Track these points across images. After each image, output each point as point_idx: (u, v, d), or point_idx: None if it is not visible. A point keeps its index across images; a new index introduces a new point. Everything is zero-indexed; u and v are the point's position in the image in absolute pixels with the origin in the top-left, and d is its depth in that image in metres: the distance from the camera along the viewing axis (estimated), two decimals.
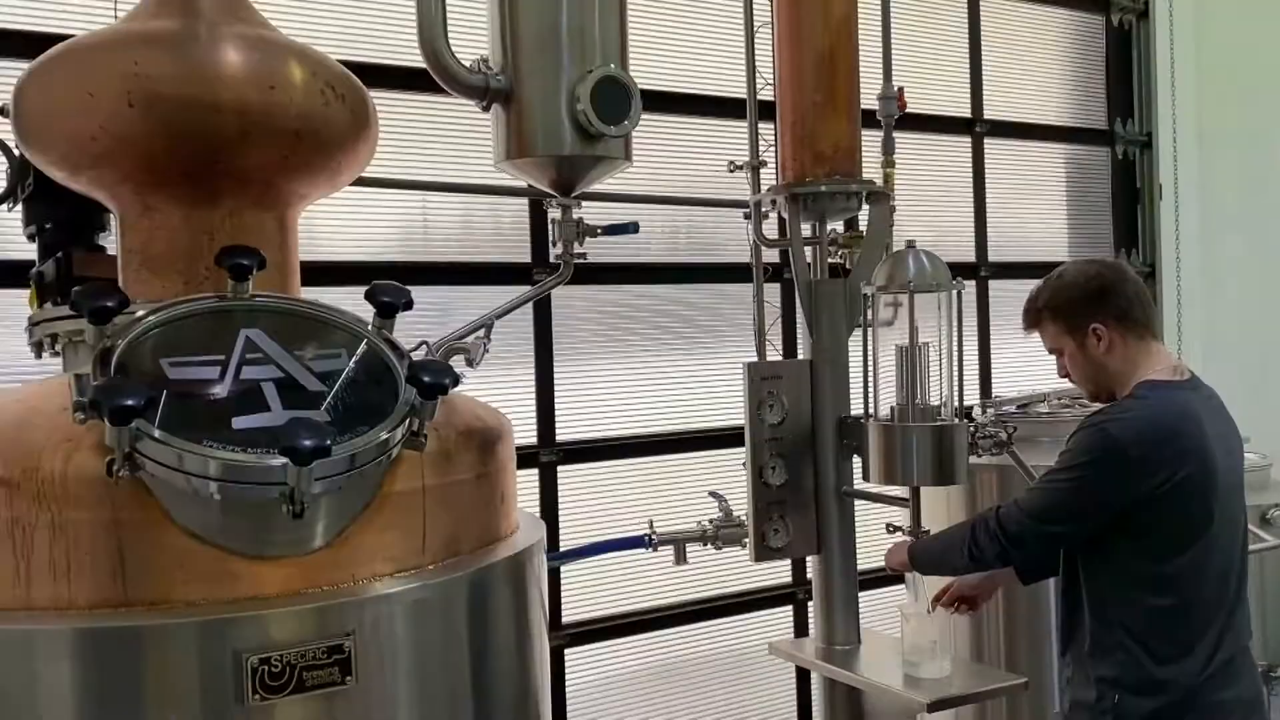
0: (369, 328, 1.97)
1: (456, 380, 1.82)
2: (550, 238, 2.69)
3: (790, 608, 4.47)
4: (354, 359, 1.90)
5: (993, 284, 5.10)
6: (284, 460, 1.60)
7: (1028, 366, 5.18)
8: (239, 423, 1.70)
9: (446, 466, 1.92)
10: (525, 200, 3.82)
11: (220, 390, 1.74)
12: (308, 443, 1.59)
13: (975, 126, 5.05)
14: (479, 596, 1.96)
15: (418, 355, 2.02)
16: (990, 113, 5.12)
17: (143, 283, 1.99)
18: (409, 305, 1.97)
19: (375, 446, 1.75)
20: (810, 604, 4.43)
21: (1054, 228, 5.44)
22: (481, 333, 2.24)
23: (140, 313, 1.79)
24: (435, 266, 3.84)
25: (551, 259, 2.73)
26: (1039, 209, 5.38)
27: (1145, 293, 2.46)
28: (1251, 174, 5.69)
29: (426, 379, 1.77)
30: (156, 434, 1.61)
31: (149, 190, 1.97)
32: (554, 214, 2.65)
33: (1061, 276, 2.50)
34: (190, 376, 1.74)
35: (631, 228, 2.69)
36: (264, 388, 1.77)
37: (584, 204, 2.79)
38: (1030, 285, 5.17)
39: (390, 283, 1.98)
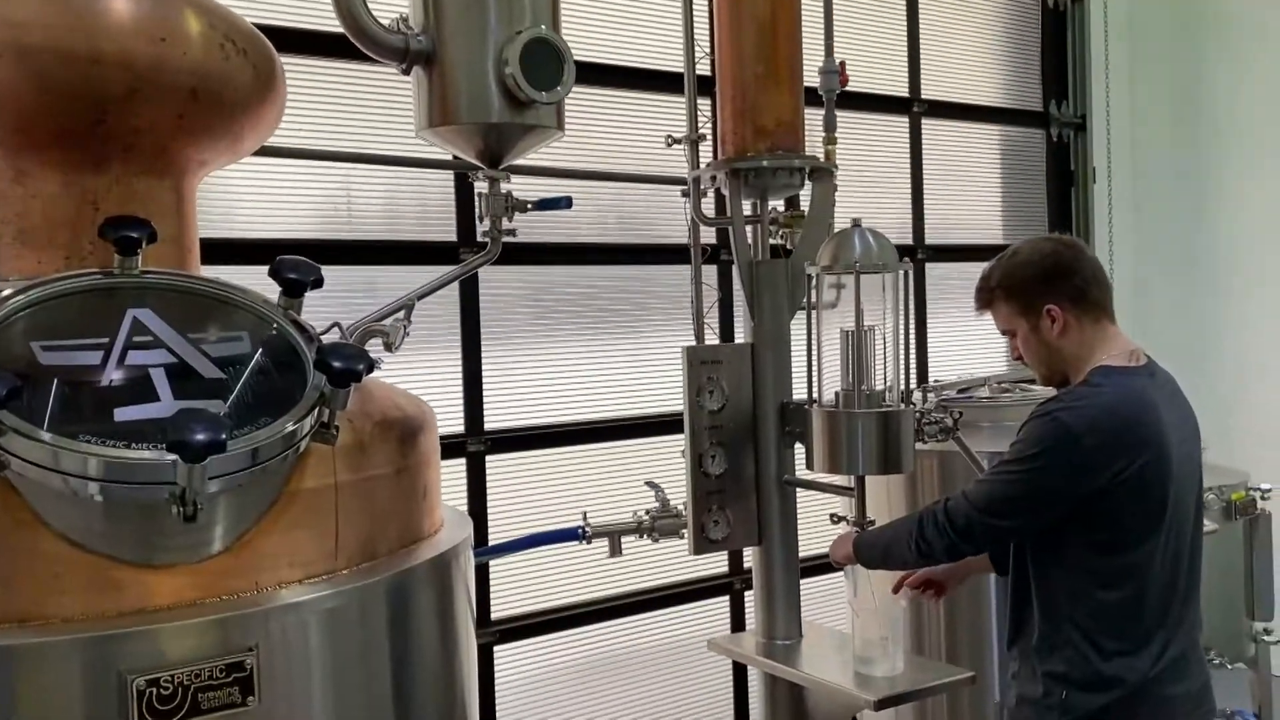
0: (275, 309, 1.78)
1: (371, 366, 1.65)
2: (477, 213, 2.51)
3: (727, 598, 4.36)
4: (257, 343, 1.71)
5: (928, 267, 5.04)
6: (174, 457, 1.42)
7: (963, 351, 5.16)
8: (122, 414, 1.51)
9: (361, 460, 1.75)
10: (452, 174, 3.63)
11: (102, 378, 1.55)
12: (200, 436, 1.41)
13: (913, 106, 4.98)
14: (399, 602, 1.81)
15: (331, 339, 1.85)
16: (928, 93, 5.05)
17: (17, 258, 1.78)
18: (318, 283, 1.79)
19: (280, 439, 1.58)
20: (748, 594, 4.35)
21: (989, 210, 5.41)
22: (401, 315, 2.06)
23: (7, 291, 1.58)
24: (357, 245, 3.64)
25: (479, 236, 2.55)
26: (974, 191, 5.33)
27: (1102, 273, 2.35)
28: (1182, 157, 5.72)
29: (337, 365, 1.59)
30: (25, 428, 1.42)
31: (22, 153, 1.76)
32: (481, 187, 2.47)
33: (1015, 255, 2.37)
34: (67, 362, 1.55)
35: (564, 202, 2.52)
36: (153, 375, 1.58)
37: (514, 178, 2.63)
38: (965, 268, 5.23)
39: (297, 258, 1.80)
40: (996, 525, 2.25)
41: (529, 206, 2.48)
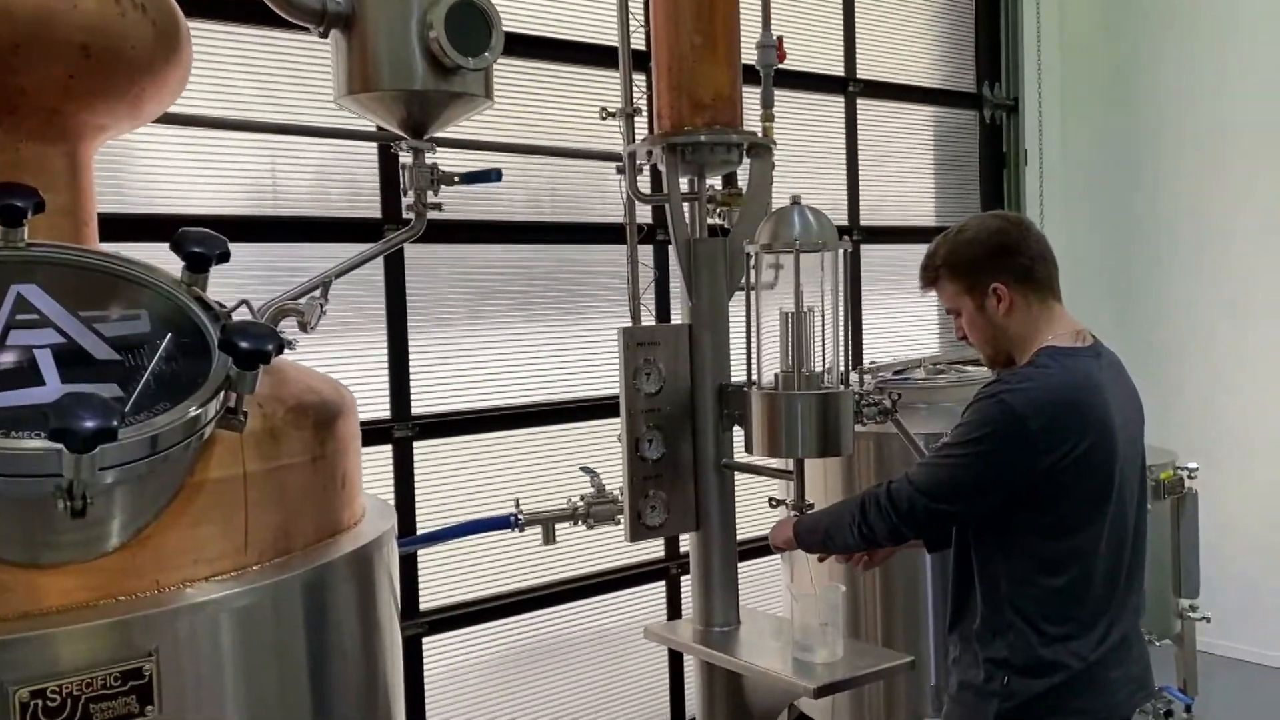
0: (178, 286, 1.65)
1: (281, 347, 1.53)
2: (402, 188, 2.39)
3: (663, 583, 4.30)
4: (157, 322, 1.58)
5: (863, 249, 5.01)
6: (59, 446, 1.29)
7: (897, 333, 5.15)
8: (2, 399, 1.37)
9: (273, 448, 1.63)
10: (376, 147, 3.49)
11: None
12: (87, 424, 1.27)
13: (849, 86, 4.93)
14: (316, 599, 1.69)
15: (244, 317, 1.72)
16: (863, 73, 5.01)
17: None
18: (225, 257, 1.66)
19: (181, 426, 1.44)
20: (685, 579, 4.29)
21: (922, 192, 5.40)
22: (317, 293, 1.93)
23: None
24: (282, 222, 3.47)
25: (403, 211, 2.42)
26: (908, 173, 5.32)
27: (1049, 251, 2.30)
28: (1112, 140, 5.77)
29: (244, 345, 1.47)
30: None
31: None
32: (405, 158, 2.35)
33: (961, 232, 2.32)
34: None
35: (494, 175, 2.41)
36: (38, 357, 1.44)
37: (441, 152, 2.51)
38: (899, 250, 5.21)
39: (202, 230, 1.67)
40: (940, 509, 2.21)
41: (456, 180, 2.36)
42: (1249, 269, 5.28)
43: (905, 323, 5.28)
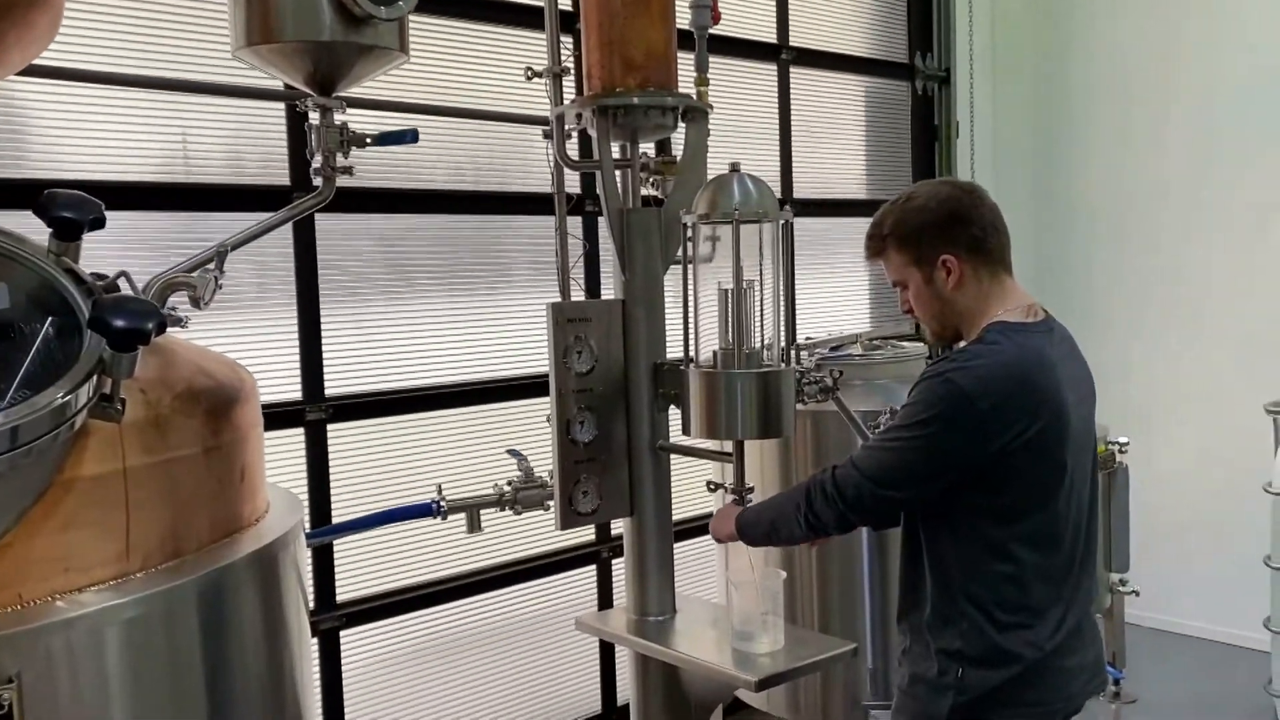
0: (45, 256, 1.44)
1: (163, 324, 1.34)
2: (308, 148, 2.19)
3: (594, 568, 4.16)
4: (19, 297, 1.38)
5: (795, 221, 4.90)
6: None
7: (828, 309, 5.06)
8: None
9: (159, 439, 1.44)
10: (285, 109, 3.25)
11: None
12: None
13: (781, 54, 4.80)
14: (214, 605, 1.51)
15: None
16: (796, 41, 4.89)
17: None
18: (100, 223, 1.46)
19: (46, 416, 1.26)
20: (616, 563, 4.16)
21: (853, 164, 5.31)
22: (212, 265, 1.73)
23: None
24: (190, 189, 3.22)
25: (311, 174, 2.22)
26: (840, 145, 5.22)
27: (1002, 221, 2.16)
28: (1040, 113, 5.76)
29: (119, 323, 1.28)
30: None
31: None
32: (313, 117, 2.14)
33: (910, 200, 2.18)
34: None
35: (409, 136, 2.22)
36: None
37: (354, 113, 2.32)
38: (829, 224, 5.12)
39: (72, 192, 1.47)
40: (888, 495, 2.09)
41: (369, 141, 2.16)
42: (1176, 242, 5.32)
43: (837, 298, 5.20)
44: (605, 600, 4.16)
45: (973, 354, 2.06)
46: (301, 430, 3.43)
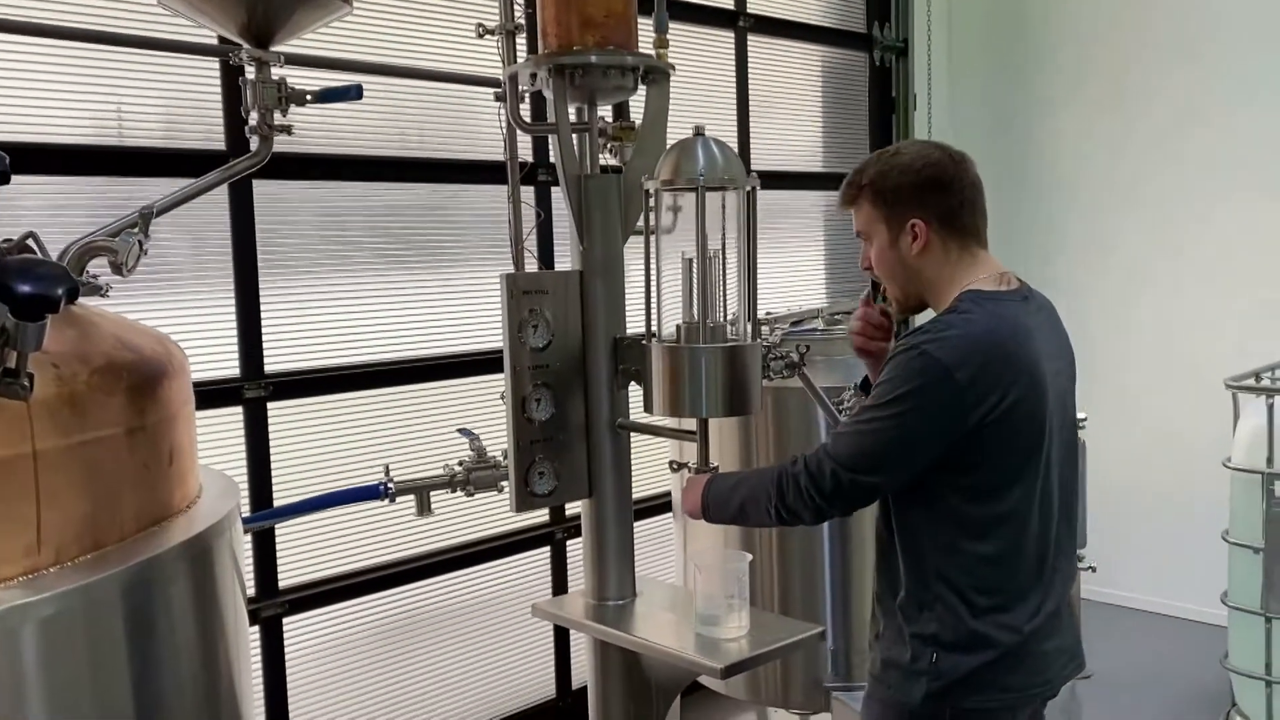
0: None
1: (75, 291, 1.20)
2: (243, 105, 2.03)
3: (548, 549, 4.04)
4: None
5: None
6: None
7: (784, 282, 4.98)
8: None
9: (75, 420, 1.30)
10: (220, 66, 3.07)
11: None
12: None
13: (739, 20, 4.68)
14: (141, 599, 1.38)
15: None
16: (754, 8, 4.77)
17: None
18: (4, 178, 1.30)
19: None
20: (572, 544, 4.05)
21: (810, 136, 5.22)
22: (136, 230, 1.58)
23: None
24: (124, 153, 3.03)
25: (247, 134, 2.06)
26: (796, 115, 5.12)
27: (982, 197, 2.12)
28: (996, 85, 5.71)
29: (23, 288, 1.14)
30: None
31: None
32: (249, 71, 1.98)
33: (896, 154, 2.12)
34: None
35: (353, 92, 2.06)
36: None
37: (293, 71, 2.16)
38: (786, 196, 5.03)
39: None
40: (867, 482, 2.00)
41: (309, 98, 2.01)
42: (1131, 215, 5.31)
43: (793, 272, 5.12)
44: (560, 583, 4.05)
45: (945, 324, 1.98)
46: (240, 409, 3.26)
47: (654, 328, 2.36)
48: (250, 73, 1.98)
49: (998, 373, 1.92)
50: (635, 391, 2.48)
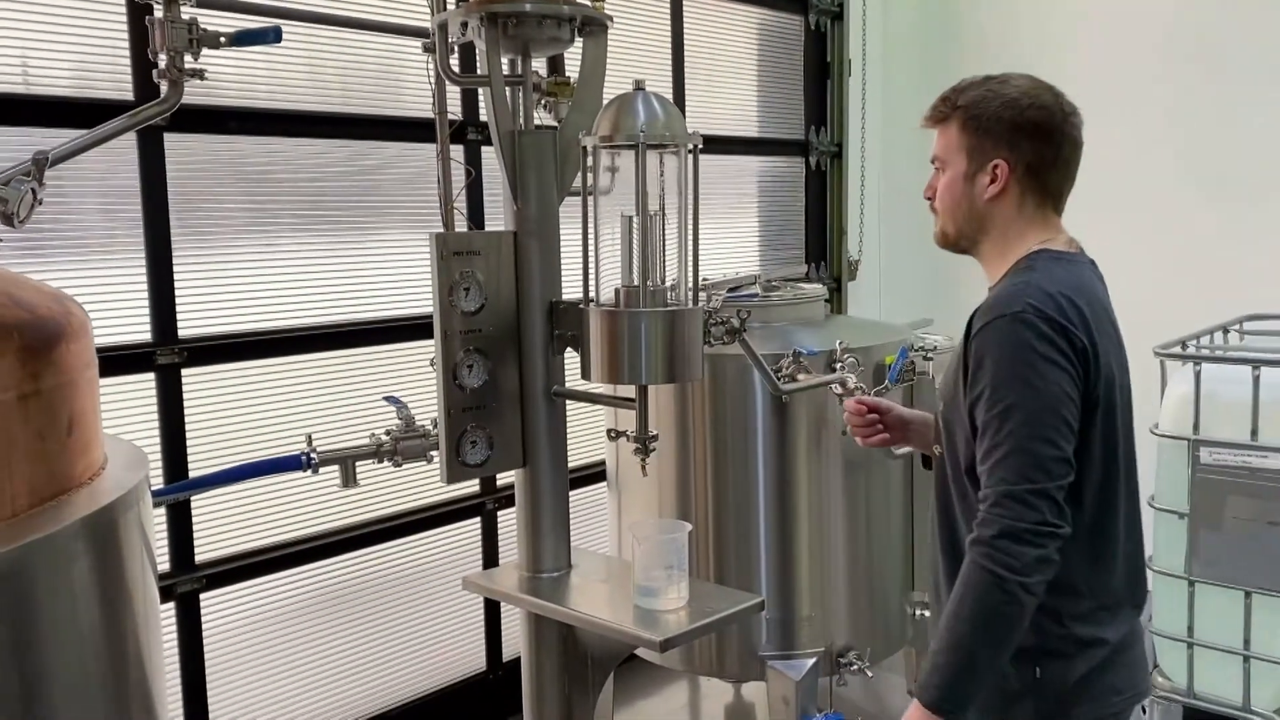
0: None
1: None
2: (150, 48, 1.88)
3: (479, 520, 3.95)
4: None
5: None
6: None
7: (719, 249, 4.92)
8: None
9: None
10: (126, 7, 2.87)
11: None
12: None
13: None
14: (33, 580, 1.26)
15: None
16: None
17: None
18: None
19: None
20: (503, 514, 3.96)
21: (746, 100, 5.14)
22: (28, 177, 1.44)
23: None
24: (28, 101, 2.82)
25: (155, 78, 1.91)
26: (732, 79, 5.04)
27: (1078, 159, 1.92)
28: (927, 52, 5.69)
29: None
30: None
31: None
32: (158, 11, 1.83)
33: (1004, 83, 1.90)
34: None
35: (271, 35, 1.93)
36: None
37: (208, 15, 2.01)
38: (720, 161, 4.95)
39: None
40: (1061, 469, 1.68)
41: (223, 40, 1.87)
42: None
43: (728, 238, 5.06)
44: (491, 555, 3.96)
45: (1023, 283, 1.77)
46: (152, 376, 3.09)
47: (592, 291, 2.28)
48: (159, 12, 1.83)
49: (1094, 333, 1.75)
50: (572, 358, 2.40)
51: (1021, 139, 1.85)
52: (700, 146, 2.24)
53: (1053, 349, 1.69)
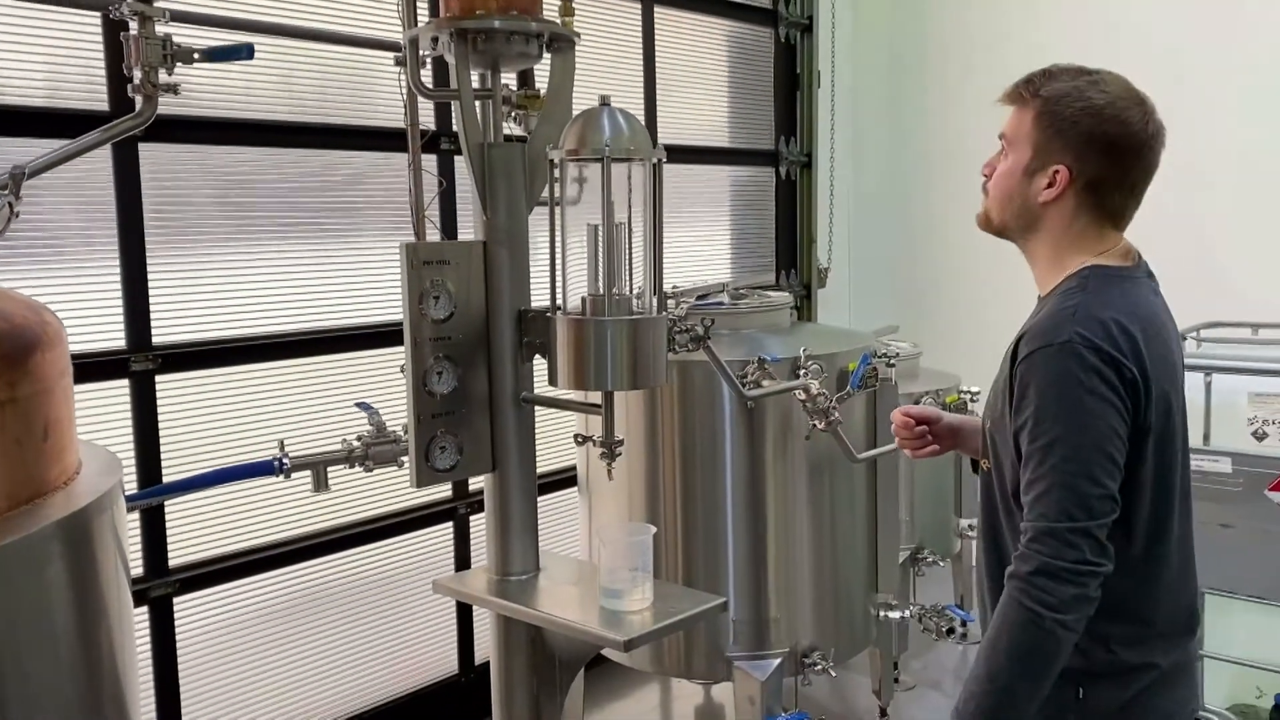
0: None
1: None
2: (125, 63, 1.92)
3: (451, 524, 3.99)
4: None
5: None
6: None
7: (689, 256, 4.99)
8: None
9: None
10: (101, 21, 2.91)
11: None
12: None
13: None
14: (10, 584, 1.30)
15: None
16: None
17: None
18: None
19: None
20: (475, 519, 4.00)
21: (717, 110, 5.22)
22: (6, 191, 1.48)
23: None
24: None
25: (130, 93, 1.96)
26: (703, 90, 5.11)
27: (1148, 182, 1.80)
28: (898, 65, 5.80)
29: None
30: None
31: None
32: (133, 27, 1.88)
33: (1094, 83, 1.76)
34: None
35: (244, 51, 1.98)
36: None
37: (183, 30, 2.06)
38: (692, 170, 5.02)
39: None
40: (1105, 507, 1.64)
41: (196, 56, 1.92)
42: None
43: (699, 247, 5.13)
44: (463, 559, 4.01)
45: (1076, 307, 1.69)
46: (126, 382, 3.13)
47: (559, 300, 2.34)
48: (133, 28, 1.88)
49: (1147, 360, 1.67)
50: (540, 365, 2.46)
51: (1091, 151, 1.74)
52: (664, 160, 2.30)
53: (1101, 382, 1.63)
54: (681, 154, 4.85)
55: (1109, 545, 1.65)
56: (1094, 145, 1.74)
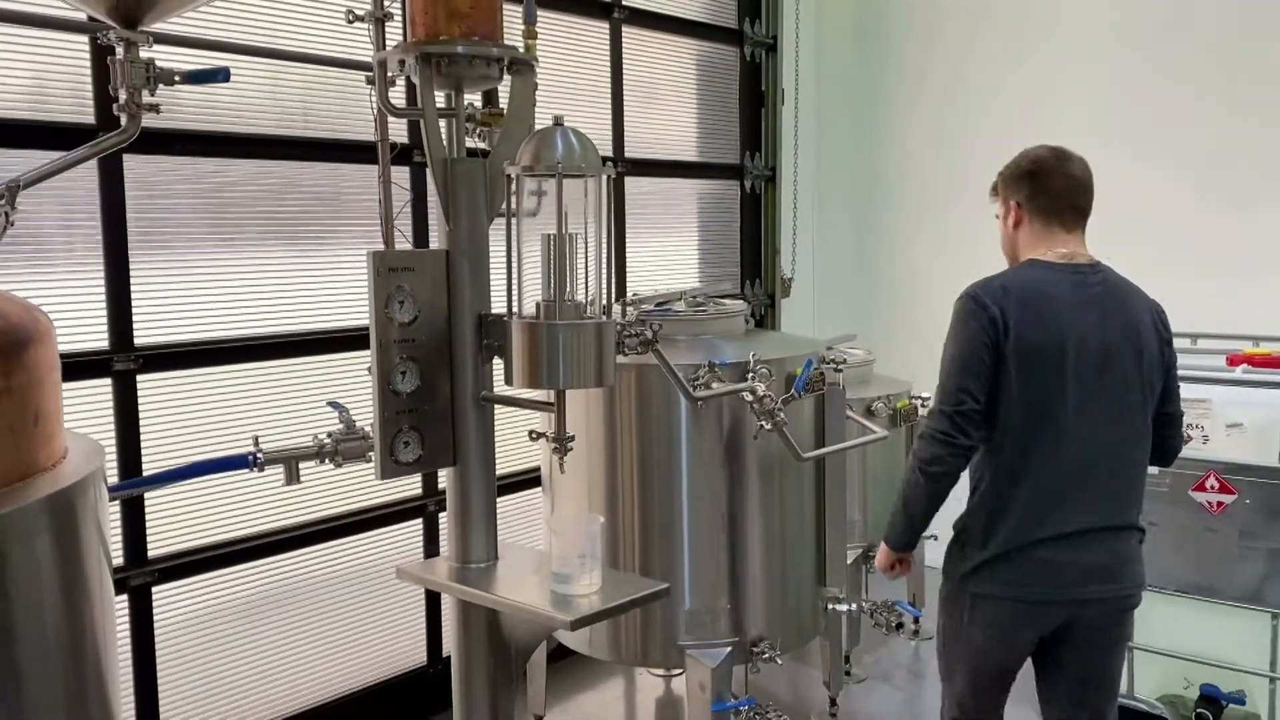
0: None
1: None
2: (111, 84, 2.09)
3: (420, 521, 4.16)
4: None
5: (627, 181, 4.97)
6: None
7: (659, 266, 5.17)
8: None
9: None
10: (89, 42, 3.07)
11: None
12: None
13: (614, 12, 4.83)
14: (4, 548, 1.46)
15: None
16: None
17: None
18: None
19: None
20: (444, 516, 4.16)
21: (685, 127, 5.41)
22: (2, 201, 1.65)
23: None
24: None
25: (115, 111, 2.13)
26: (671, 107, 5.31)
27: (1074, 192, 2.69)
28: (860, 82, 5.98)
29: None
30: None
31: None
32: (118, 51, 2.05)
33: (1022, 153, 2.78)
34: None
35: (221, 74, 2.15)
36: None
37: (166, 50, 2.23)
38: (662, 183, 5.21)
39: None
40: (959, 396, 2.57)
41: (177, 79, 2.09)
42: (973, 204, 5.62)
43: (668, 256, 5.31)
44: (432, 553, 4.17)
45: (990, 278, 2.67)
46: (109, 381, 3.29)
47: (515, 305, 2.52)
48: (119, 52, 2.05)
49: (1019, 314, 2.56)
50: (499, 365, 2.63)
51: (1021, 181, 2.74)
52: (611, 177, 2.47)
53: (971, 318, 2.60)
54: (650, 168, 5.04)
55: (969, 429, 2.59)
56: (1022, 177, 2.75)
